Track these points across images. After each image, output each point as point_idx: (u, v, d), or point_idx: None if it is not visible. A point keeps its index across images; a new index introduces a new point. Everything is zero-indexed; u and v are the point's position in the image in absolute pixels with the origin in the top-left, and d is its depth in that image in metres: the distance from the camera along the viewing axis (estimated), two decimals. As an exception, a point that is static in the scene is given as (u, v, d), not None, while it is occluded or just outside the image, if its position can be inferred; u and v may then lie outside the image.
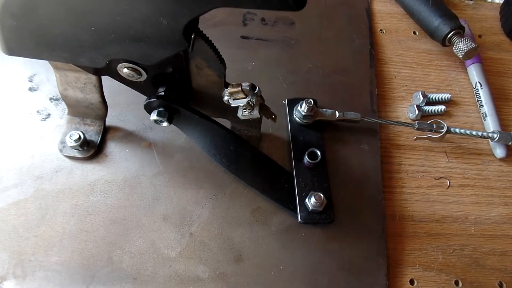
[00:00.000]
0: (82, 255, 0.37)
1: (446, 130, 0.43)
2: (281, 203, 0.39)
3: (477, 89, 0.49)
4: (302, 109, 0.42)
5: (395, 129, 0.47)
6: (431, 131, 0.44)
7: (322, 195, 0.38)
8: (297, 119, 0.43)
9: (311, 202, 0.37)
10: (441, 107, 0.47)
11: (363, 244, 0.40)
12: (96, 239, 0.38)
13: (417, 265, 0.40)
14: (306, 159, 0.40)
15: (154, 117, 0.34)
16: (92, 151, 0.40)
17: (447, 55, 0.52)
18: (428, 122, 0.44)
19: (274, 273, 0.38)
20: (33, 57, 0.31)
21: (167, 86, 0.34)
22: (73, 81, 0.36)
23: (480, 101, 0.48)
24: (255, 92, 0.34)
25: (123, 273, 0.36)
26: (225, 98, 0.35)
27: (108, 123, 0.42)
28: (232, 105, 0.34)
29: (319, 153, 0.40)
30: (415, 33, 0.54)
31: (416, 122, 0.44)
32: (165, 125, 0.35)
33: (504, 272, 0.40)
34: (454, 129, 0.44)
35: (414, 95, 0.48)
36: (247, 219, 0.39)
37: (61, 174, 0.40)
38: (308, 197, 0.38)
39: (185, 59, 0.34)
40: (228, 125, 0.42)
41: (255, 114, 0.35)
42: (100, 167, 0.41)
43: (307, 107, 0.42)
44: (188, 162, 0.41)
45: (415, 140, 0.45)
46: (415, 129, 0.44)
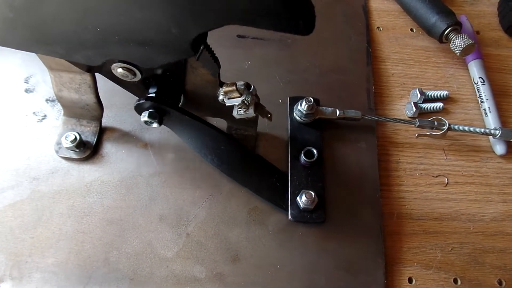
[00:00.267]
0: (78, 256, 0.37)
1: (447, 127, 0.43)
2: (273, 202, 0.39)
3: (478, 85, 0.49)
4: (302, 107, 0.42)
5: (393, 127, 0.46)
6: (432, 128, 0.43)
7: (313, 193, 0.37)
8: (297, 118, 0.43)
9: (302, 200, 0.37)
10: (439, 104, 0.47)
11: (361, 242, 0.39)
12: (92, 240, 0.37)
13: (415, 264, 0.40)
14: (302, 157, 0.39)
15: (145, 118, 0.34)
16: (88, 152, 0.40)
17: (445, 52, 0.52)
18: (429, 119, 0.43)
19: (271, 272, 0.37)
20: (23, 49, 0.30)
21: (159, 87, 0.34)
22: (68, 82, 0.36)
23: (481, 97, 0.48)
24: (250, 91, 0.34)
25: (119, 274, 0.36)
26: (220, 97, 0.35)
27: (104, 123, 0.42)
28: (227, 104, 0.34)
29: (315, 152, 0.40)
30: (412, 30, 0.53)
31: (417, 119, 0.43)
32: (155, 126, 0.35)
33: (503, 269, 0.40)
34: (455, 126, 0.44)
35: (411, 92, 0.48)
36: (244, 219, 0.39)
37: (58, 175, 0.40)
38: (299, 195, 0.38)
39: (184, 61, 0.34)
40: (224, 125, 0.42)
41: (251, 113, 0.34)
42: (96, 167, 0.41)
43: (307, 106, 0.41)
44: (184, 162, 0.41)
45: (416, 137, 0.45)
46: (416, 126, 0.43)
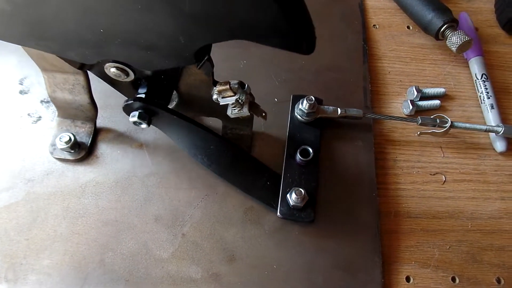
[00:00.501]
0: (73, 257, 0.37)
1: (450, 124, 0.43)
2: (264, 201, 0.39)
3: (480, 82, 0.48)
4: (303, 106, 0.41)
5: (390, 125, 0.46)
6: (434, 126, 0.43)
7: (303, 190, 0.37)
8: (298, 117, 0.43)
9: (292, 197, 0.37)
10: (436, 102, 0.47)
11: (358, 241, 0.39)
12: (87, 241, 0.37)
13: (413, 262, 0.39)
14: (298, 156, 0.39)
15: (134, 119, 0.34)
16: (83, 152, 0.40)
17: (441, 49, 0.51)
18: (431, 117, 0.43)
19: (268, 272, 0.37)
20: (15, 43, 0.29)
21: (150, 87, 0.34)
22: (61, 82, 0.36)
23: (483, 94, 0.48)
24: (244, 89, 0.34)
25: (115, 275, 0.36)
26: (214, 96, 0.35)
27: (99, 124, 0.42)
28: (221, 103, 0.34)
29: (311, 150, 0.39)
30: (408, 27, 0.53)
31: (419, 117, 0.43)
32: (144, 126, 0.35)
33: (502, 267, 0.40)
34: (458, 124, 0.43)
35: (408, 90, 0.48)
36: (239, 218, 0.39)
37: (52, 176, 0.40)
38: (289, 192, 0.38)
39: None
40: (218, 125, 0.42)
41: (245, 112, 0.34)
42: (91, 168, 0.40)
43: (309, 105, 0.41)
44: (180, 162, 0.41)
45: (419, 135, 0.45)
46: (418, 124, 0.43)
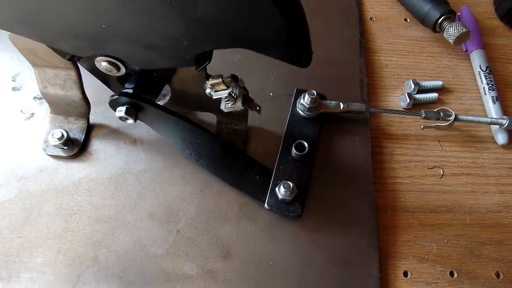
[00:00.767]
0: (67, 255, 0.36)
1: (454, 118, 0.42)
2: (252, 195, 0.38)
3: (487, 73, 0.48)
4: (305, 101, 0.41)
5: (387, 119, 0.46)
6: (438, 119, 0.43)
7: (291, 184, 0.36)
8: (300, 112, 0.42)
9: (281, 191, 0.36)
10: (434, 95, 0.46)
11: (355, 236, 0.39)
12: (81, 238, 0.37)
13: (410, 257, 0.39)
14: (293, 150, 0.39)
15: (120, 114, 0.33)
16: (76, 149, 0.40)
17: (439, 42, 0.51)
18: (435, 110, 0.43)
19: (263, 268, 0.37)
20: (3, 29, 0.28)
21: (139, 82, 0.33)
22: (52, 78, 0.36)
23: (486, 86, 0.47)
24: (238, 83, 0.33)
25: (109, 272, 0.36)
26: (207, 90, 0.34)
27: (92, 120, 0.42)
28: (213, 97, 0.33)
29: (306, 145, 0.39)
30: (406, 20, 0.52)
31: (422, 110, 0.42)
32: (131, 122, 0.34)
33: (501, 261, 0.39)
34: (462, 117, 0.43)
35: (405, 83, 0.47)
36: (234, 214, 0.39)
37: (45, 173, 0.39)
38: (278, 185, 0.37)
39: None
40: (213, 120, 0.41)
41: (238, 106, 0.34)
42: (84, 165, 0.40)
43: (310, 99, 0.40)
44: (174, 158, 0.41)
45: (422, 129, 0.44)
46: (422, 118, 0.42)
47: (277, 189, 0.37)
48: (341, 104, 0.42)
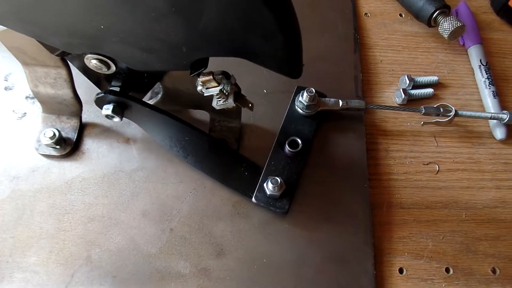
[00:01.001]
0: (60, 254, 0.36)
1: (454, 113, 0.42)
2: (240, 191, 0.38)
3: (487, 68, 0.47)
4: (303, 99, 0.40)
5: (382, 115, 0.45)
6: (438, 115, 0.42)
7: (279, 179, 0.36)
8: (299, 110, 0.41)
9: (269, 186, 0.36)
10: (429, 90, 0.46)
11: (349, 233, 0.38)
12: (74, 238, 0.37)
13: (406, 254, 0.39)
14: (286, 147, 0.38)
15: (107, 112, 0.33)
16: (68, 148, 0.40)
17: (435, 37, 0.50)
18: (435, 106, 0.42)
19: (257, 266, 0.37)
20: None
21: (125, 80, 0.33)
22: (43, 76, 0.36)
23: (486, 81, 0.47)
24: (229, 80, 0.33)
25: (102, 271, 0.36)
26: (199, 87, 0.34)
27: (85, 119, 0.42)
28: (205, 95, 0.33)
29: (300, 142, 0.39)
30: (401, 15, 0.52)
31: (422, 106, 0.42)
32: (117, 120, 0.34)
33: (497, 257, 0.39)
34: (462, 112, 0.43)
35: (400, 79, 0.47)
36: (228, 212, 0.38)
37: (38, 173, 0.39)
38: (267, 180, 0.37)
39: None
40: (206, 117, 0.41)
41: (230, 103, 0.33)
42: (77, 164, 0.40)
43: (309, 97, 0.40)
44: (167, 156, 0.40)
45: (422, 125, 0.44)
46: (422, 114, 0.42)
47: (265, 184, 0.37)
48: (340, 101, 0.41)
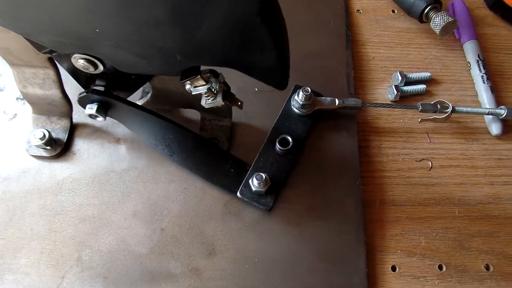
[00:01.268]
0: (51, 256, 0.36)
1: (451, 109, 0.42)
2: (226, 188, 0.38)
3: (484, 63, 0.47)
4: (299, 98, 0.40)
5: (374, 112, 0.45)
6: (435, 112, 0.42)
7: (264, 175, 0.36)
8: (295, 109, 0.41)
9: (254, 182, 0.36)
10: (422, 86, 0.46)
11: (341, 231, 0.38)
12: (65, 239, 0.37)
13: (398, 251, 0.38)
14: (277, 145, 0.38)
15: (91, 112, 0.33)
16: (59, 149, 0.39)
17: (427, 33, 0.50)
18: (431, 102, 0.42)
19: (248, 265, 0.36)
20: None
21: (110, 79, 0.33)
22: (31, 77, 0.35)
23: (484, 76, 0.46)
24: (218, 78, 0.33)
25: (93, 272, 0.36)
26: (187, 86, 0.33)
27: (75, 120, 0.41)
28: (193, 93, 0.33)
29: (290, 140, 0.38)
30: (393, 11, 0.52)
31: (419, 103, 0.42)
32: (101, 119, 0.34)
33: (490, 254, 0.39)
34: (459, 108, 0.42)
35: (392, 75, 0.46)
36: (219, 211, 0.38)
37: (29, 174, 0.39)
38: (252, 176, 0.36)
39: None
40: (196, 116, 0.41)
41: (219, 101, 0.33)
42: (68, 165, 0.40)
43: (304, 96, 0.39)
44: (158, 156, 0.40)
45: (420, 122, 0.44)
46: (419, 111, 0.42)
47: (250, 181, 0.37)
48: (337, 100, 0.41)
